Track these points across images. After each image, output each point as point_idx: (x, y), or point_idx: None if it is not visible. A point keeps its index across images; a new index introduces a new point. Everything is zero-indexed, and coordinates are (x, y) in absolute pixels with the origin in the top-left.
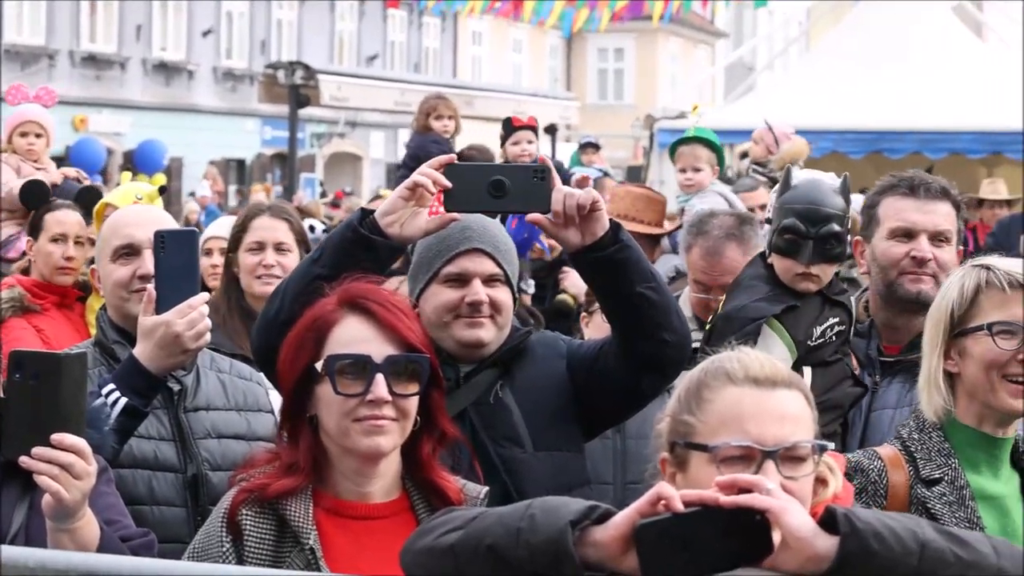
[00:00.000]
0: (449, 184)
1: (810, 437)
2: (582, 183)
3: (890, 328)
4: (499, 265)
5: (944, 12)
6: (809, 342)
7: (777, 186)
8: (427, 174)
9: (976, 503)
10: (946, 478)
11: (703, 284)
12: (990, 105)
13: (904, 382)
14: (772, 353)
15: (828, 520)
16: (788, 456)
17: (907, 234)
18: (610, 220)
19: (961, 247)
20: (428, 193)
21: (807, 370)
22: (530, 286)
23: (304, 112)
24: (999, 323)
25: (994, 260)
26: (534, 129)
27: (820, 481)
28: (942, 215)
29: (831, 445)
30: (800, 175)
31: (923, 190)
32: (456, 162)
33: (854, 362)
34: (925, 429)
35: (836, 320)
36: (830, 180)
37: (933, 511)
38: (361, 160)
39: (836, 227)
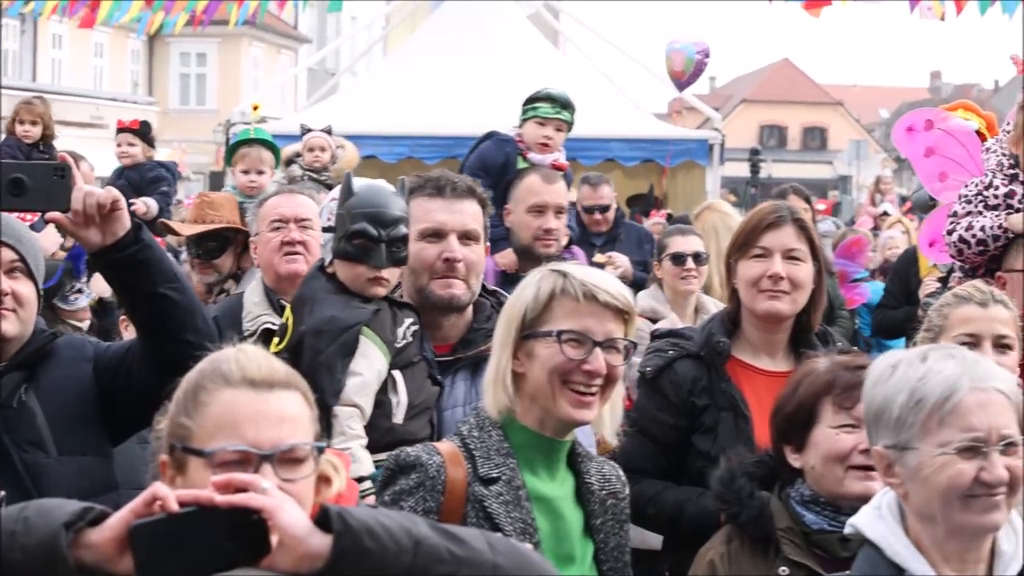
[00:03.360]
0: None
1: (309, 438)
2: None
3: (434, 328)
4: (20, 257)
5: (520, 20)
6: (396, 344)
7: (336, 192)
8: None
9: (531, 504)
10: (503, 477)
11: None
12: None
13: (467, 379)
14: (372, 360)
15: (322, 518)
16: (286, 459)
17: (436, 234)
18: (132, 220)
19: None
20: None
21: (397, 373)
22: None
23: None
24: (568, 331)
25: (571, 267)
26: (134, 131)
27: (324, 480)
28: (470, 214)
29: (327, 444)
30: (359, 181)
31: (450, 189)
32: None
33: None
34: (485, 427)
35: (411, 320)
36: (388, 185)
37: (490, 510)
38: None
39: (404, 229)
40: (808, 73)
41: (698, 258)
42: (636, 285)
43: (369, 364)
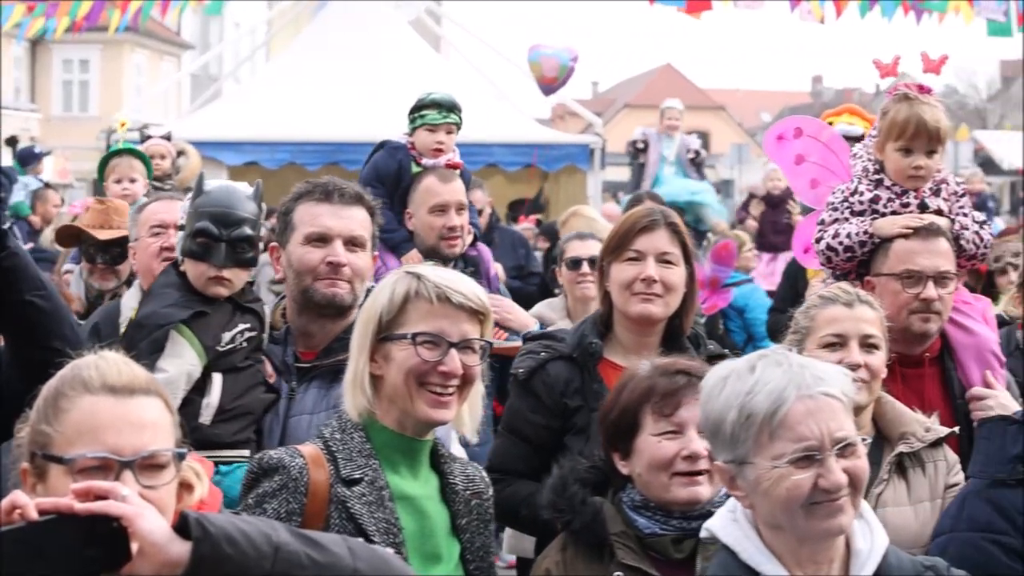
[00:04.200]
0: None
1: (170, 443)
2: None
3: (306, 334)
4: None
5: (402, 26)
6: (219, 347)
7: (191, 193)
8: None
9: (395, 504)
10: (366, 478)
11: None
12: None
13: (321, 387)
14: (183, 358)
15: (182, 525)
16: (147, 465)
17: (322, 239)
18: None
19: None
20: None
21: (217, 376)
22: None
23: None
24: (423, 333)
25: (425, 269)
26: None
27: (186, 486)
28: (357, 221)
29: (187, 451)
30: (213, 182)
31: (338, 195)
32: None
33: (269, 368)
34: (347, 429)
35: (247, 326)
36: (243, 187)
37: (353, 511)
38: None
39: (248, 231)
40: (690, 78)
41: (595, 263)
42: (511, 290)
43: (179, 363)
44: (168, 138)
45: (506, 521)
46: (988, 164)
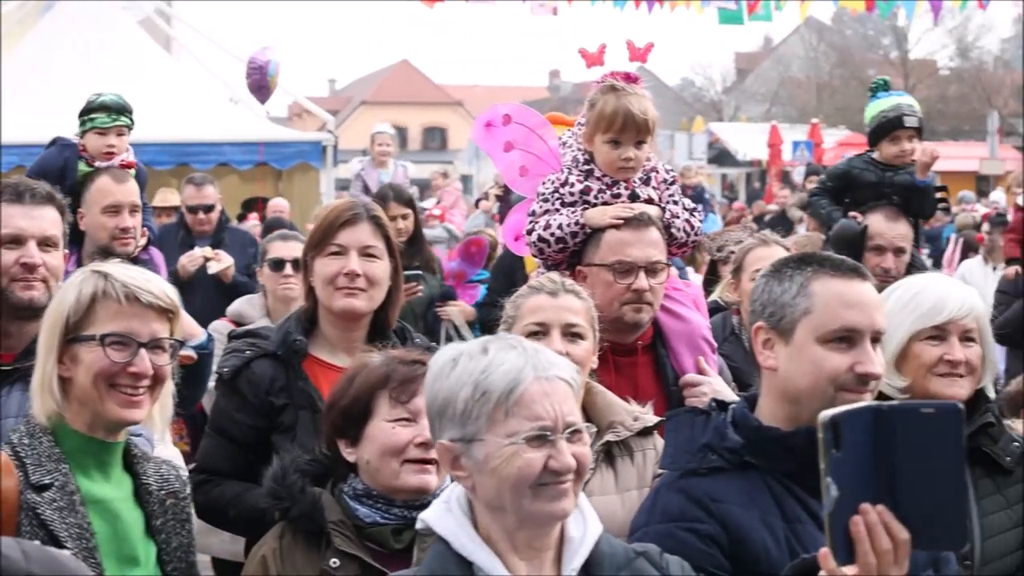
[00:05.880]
0: None
1: None
2: None
3: (3, 335)
4: None
5: (132, 26)
6: None
7: None
8: None
9: (87, 508)
10: (56, 483)
11: None
12: (179, 118)
13: (24, 390)
14: None
15: None
16: None
17: (15, 240)
18: None
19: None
20: None
21: None
22: None
23: None
24: (112, 335)
25: (111, 268)
26: None
27: None
28: (49, 220)
29: None
30: None
31: (29, 196)
32: None
33: None
34: (36, 434)
35: None
36: None
37: (43, 517)
38: None
39: None
40: (427, 74)
41: (298, 264)
42: (238, 288)
43: None
44: None
45: (214, 521)
46: (724, 155)
